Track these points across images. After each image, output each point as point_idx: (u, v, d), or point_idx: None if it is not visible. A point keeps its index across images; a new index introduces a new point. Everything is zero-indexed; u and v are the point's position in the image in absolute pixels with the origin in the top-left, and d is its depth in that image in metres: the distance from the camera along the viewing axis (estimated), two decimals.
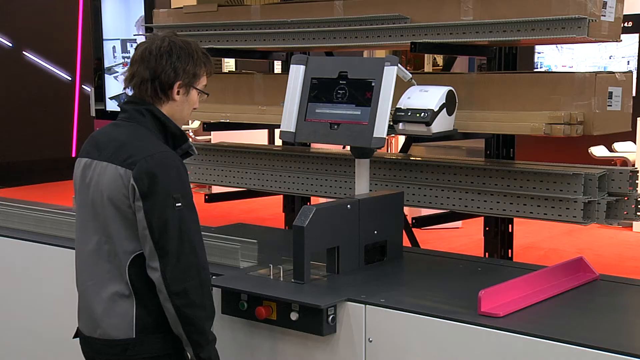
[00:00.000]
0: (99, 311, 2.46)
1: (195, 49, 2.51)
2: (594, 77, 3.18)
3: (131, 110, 2.49)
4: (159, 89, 2.46)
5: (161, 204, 2.33)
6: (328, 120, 3.17)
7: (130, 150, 2.39)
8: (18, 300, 3.65)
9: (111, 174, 2.39)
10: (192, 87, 2.52)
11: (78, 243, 2.56)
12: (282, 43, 3.97)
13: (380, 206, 3.06)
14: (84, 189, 2.49)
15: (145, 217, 2.33)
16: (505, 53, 3.96)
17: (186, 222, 2.37)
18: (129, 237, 2.39)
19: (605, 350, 2.16)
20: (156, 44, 2.46)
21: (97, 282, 2.47)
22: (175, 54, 2.45)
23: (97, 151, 2.47)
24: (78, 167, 2.54)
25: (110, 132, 2.52)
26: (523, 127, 3.19)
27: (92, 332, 2.50)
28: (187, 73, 2.48)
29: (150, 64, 2.45)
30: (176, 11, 4.53)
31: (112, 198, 2.39)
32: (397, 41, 3.58)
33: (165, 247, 2.34)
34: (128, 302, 2.42)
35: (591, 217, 3.19)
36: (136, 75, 2.48)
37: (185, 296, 2.36)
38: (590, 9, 3.08)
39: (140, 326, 2.42)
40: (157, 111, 2.48)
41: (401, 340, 2.51)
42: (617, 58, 10.75)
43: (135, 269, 2.41)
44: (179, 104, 2.51)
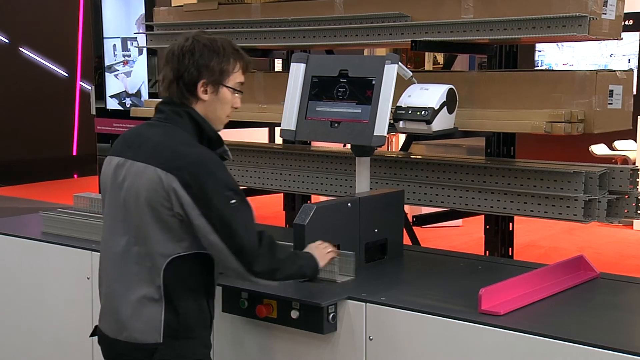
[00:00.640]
0: (126, 314, 2.40)
1: (222, 45, 2.44)
2: (595, 75, 3.17)
3: (168, 111, 2.45)
4: (184, 89, 2.43)
5: (219, 205, 2.31)
6: (328, 118, 3.17)
7: (171, 153, 2.34)
8: (21, 300, 3.66)
9: (150, 176, 2.34)
10: (220, 84, 2.45)
11: (104, 243, 2.50)
12: (282, 41, 3.97)
13: (381, 204, 3.06)
14: (115, 189, 2.44)
15: (208, 223, 2.31)
16: (506, 51, 3.95)
17: (245, 214, 2.37)
18: (165, 240, 2.35)
19: (605, 349, 2.16)
20: (179, 44, 2.44)
21: (124, 284, 2.42)
22: (197, 52, 2.41)
23: (132, 151, 2.42)
24: (109, 166, 2.49)
25: (146, 132, 2.46)
26: (524, 125, 3.19)
27: (117, 334, 2.44)
28: (212, 70, 2.42)
29: (173, 64, 2.43)
30: (177, 9, 4.52)
31: (150, 200, 2.34)
32: (398, 39, 3.57)
33: (238, 245, 2.33)
34: (157, 306, 2.38)
35: (592, 215, 3.19)
36: (165, 78, 2.46)
37: (273, 271, 2.43)
38: (591, 7, 3.08)
39: (168, 331, 2.38)
40: (195, 113, 2.44)
41: (402, 339, 2.51)
42: (618, 56, 10.75)
43: (170, 272, 2.37)
44: (209, 103, 2.45)
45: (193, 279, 2.42)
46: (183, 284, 2.39)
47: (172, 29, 4.44)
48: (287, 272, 2.51)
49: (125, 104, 8.14)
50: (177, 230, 2.35)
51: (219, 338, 2.79)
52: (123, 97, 8.19)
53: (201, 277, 2.44)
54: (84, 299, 3.33)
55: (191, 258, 2.39)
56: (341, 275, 2.76)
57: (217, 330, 2.60)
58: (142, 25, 7.36)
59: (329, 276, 2.73)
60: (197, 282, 2.43)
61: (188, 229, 2.35)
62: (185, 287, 2.40)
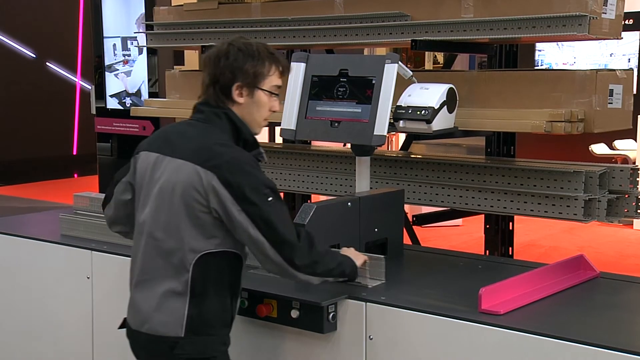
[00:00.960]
0: (149, 306, 2.44)
1: (257, 48, 2.49)
2: (595, 75, 3.17)
3: (208, 112, 2.49)
4: (220, 92, 2.48)
5: (259, 201, 2.35)
6: (328, 118, 3.17)
7: (210, 152, 2.39)
8: (20, 300, 3.66)
9: (188, 172, 2.38)
10: (255, 87, 2.49)
11: (136, 237, 2.54)
12: (282, 41, 3.97)
13: (381, 204, 3.06)
14: (150, 185, 2.48)
15: (248, 218, 2.35)
16: (506, 51, 3.95)
17: (282, 210, 2.42)
18: (197, 236, 2.39)
19: (605, 348, 2.16)
20: (215, 49, 2.50)
21: (151, 277, 2.46)
22: (232, 56, 2.46)
23: (170, 148, 2.47)
24: (146, 161, 2.52)
25: (185, 130, 2.51)
26: (524, 124, 3.18)
27: (139, 326, 2.48)
28: (246, 73, 2.46)
29: (210, 69, 2.49)
30: (177, 9, 4.52)
31: (185, 195, 2.38)
32: (398, 39, 3.57)
33: (279, 239, 2.37)
34: (181, 300, 2.41)
35: (592, 214, 3.19)
36: (203, 82, 2.52)
37: (314, 264, 2.46)
38: (591, 6, 3.08)
39: (190, 326, 2.41)
40: (233, 115, 2.49)
41: (402, 338, 2.51)
42: (618, 55, 10.75)
43: (198, 268, 2.40)
44: (245, 106, 2.50)
45: (220, 277, 2.45)
46: (210, 281, 2.43)
47: (172, 28, 4.44)
48: (328, 267, 2.52)
49: (125, 104, 8.14)
50: (209, 226, 2.40)
51: None
52: (123, 97, 8.18)
53: (228, 276, 2.47)
54: (84, 298, 3.33)
55: (220, 256, 2.43)
56: (372, 279, 2.72)
57: None
58: (142, 24, 7.35)
59: (359, 280, 2.70)
60: (223, 280, 2.46)
61: (220, 226, 2.40)
62: (212, 284, 2.43)
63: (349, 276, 2.63)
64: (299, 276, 2.45)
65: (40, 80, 12.50)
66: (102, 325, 3.29)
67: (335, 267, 2.55)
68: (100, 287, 3.29)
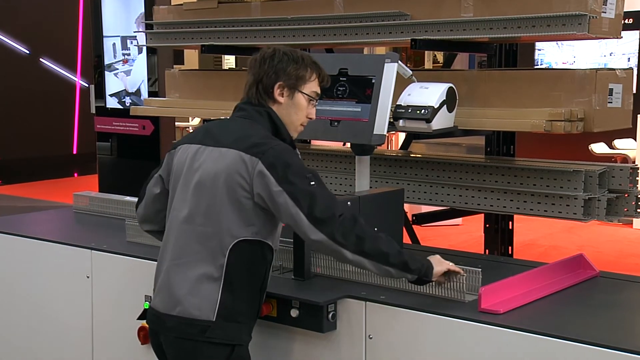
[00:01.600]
0: (183, 290, 2.48)
1: (302, 55, 2.61)
2: (595, 74, 3.17)
3: (250, 110, 2.58)
4: (262, 91, 2.57)
5: (301, 183, 2.42)
6: (328, 117, 3.17)
7: (253, 140, 2.47)
8: (20, 299, 3.66)
9: (232, 158, 2.46)
10: (296, 90, 2.59)
11: (170, 222, 2.58)
12: (282, 40, 3.96)
13: (381, 203, 3.06)
14: (190, 173, 2.54)
15: (291, 197, 2.40)
16: (506, 50, 3.95)
17: (325, 192, 2.46)
18: (236, 220, 2.45)
19: (605, 347, 2.16)
20: (261, 52, 2.60)
21: (186, 261, 2.50)
22: (277, 58, 2.57)
23: (212, 139, 2.55)
24: (185, 153, 2.58)
25: (228, 125, 2.61)
26: (523, 124, 3.19)
27: (170, 309, 2.50)
28: (289, 75, 2.57)
29: (255, 69, 2.59)
30: (176, 8, 4.52)
31: (229, 180, 2.45)
32: (398, 38, 3.57)
33: (320, 215, 2.40)
34: (214, 285, 2.46)
35: (591, 214, 3.19)
36: (246, 83, 2.62)
37: (359, 239, 2.42)
38: (591, 5, 3.08)
39: (222, 311, 2.46)
40: (274, 114, 2.58)
41: (401, 337, 2.51)
42: (618, 55, 10.75)
43: (235, 254, 2.46)
44: (284, 106, 2.59)
45: (253, 267, 2.51)
46: (243, 269, 2.48)
47: (172, 27, 4.44)
48: (380, 248, 2.44)
49: (125, 103, 8.14)
50: (249, 212, 2.45)
51: None
52: (123, 96, 8.18)
53: (260, 267, 2.53)
54: (83, 297, 3.33)
55: (256, 244, 2.49)
56: (469, 293, 2.56)
57: None
58: (142, 24, 7.35)
59: (456, 295, 2.56)
60: (256, 270, 2.52)
61: (259, 214, 2.46)
62: (245, 271, 2.49)
63: (417, 272, 2.49)
64: (347, 255, 2.44)
65: (40, 80, 12.49)
66: (102, 324, 3.29)
67: (390, 252, 2.46)
68: (100, 287, 3.29)
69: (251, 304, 2.53)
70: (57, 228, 3.90)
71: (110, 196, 4.04)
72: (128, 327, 3.00)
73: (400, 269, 2.48)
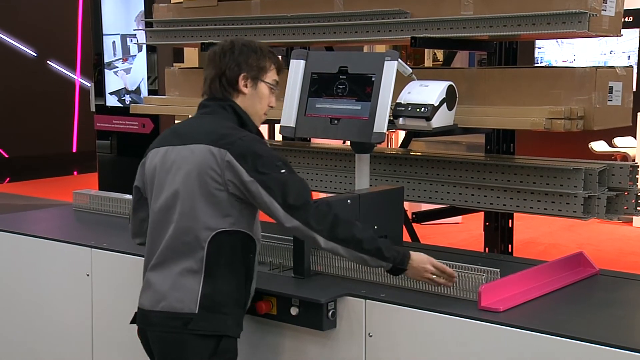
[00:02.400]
0: (166, 285, 2.51)
1: (259, 45, 2.65)
2: (595, 72, 3.17)
3: (214, 105, 2.61)
4: (226, 84, 2.60)
5: (272, 172, 2.45)
6: (328, 115, 3.17)
7: (220, 133, 2.50)
8: (20, 297, 3.66)
9: (202, 153, 2.48)
10: (259, 80, 2.63)
11: (151, 224, 2.61)
12: (282, 38, 3.96)
13: (381, 201, 3.06)
14: (162, 175, 2.57)
15: (263, 186, 2.43)
16: (506, 48, 3.95)
17: (296, 179, 2.49)
18: (212, 213, 2.47)
19: (605, 345, 2.16)
20: (219, 45, 2.63)
21: (168, 258, 2.53)
22: (237, 50, 2.60)
23: (180, 139, 2.58)
24: (155, 157, 2.61)
25: (194, 122, 2.64)
26: (523, 122, 3.18)
27: (154, 305, 2.53)
28: (251, 66, 2.60)
29: (215, 63, 2.61)
30: (176, 6, 4.52)
31: (201, 174, 2.47)
32: (398, 36, 3.57)
33: (293, 202, 2.43)
34: (196, 278, 2.48)
35: (591, 212, 3.19)
36: (207, 77, 2.64)
37: (333, 225, 2.44)
38: (591, 3, 3.08)
39: (204, 303, 2.47)
40: (238, 108, 2.61)
41: (401, 335, 2.51)
42: (618, 53, 10.75)
43: (213, 246, 2.48)
44: (249, 97, 2.62)
45: (233, 257, 2.53)
46: (223, 260, 2.50)
47: (172, 25, 4.44)
48: (354, 235, 2.45)
49: (124, 101, 8.13)
50: (224, 204, 2.47)
51: None
52: (123, 94, 8.18)
53: (241, 257, 2.54)
54: (83, 296, 3.33)
55: (234, 235, 2.51)
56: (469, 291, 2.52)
57: None
58: (142, 22, 7.35)
59: (457, 293, 2.54)
60: (237, 260, 2.53)
61: (235, 205, 2.48)
62: (226, 263, 2.50)
63: (391, 260, 2.49)
64: (321, 241, 2.45)
65: (40, 78, 12.50)
66: (102, 323, 3.29)
67: (364, 238, 2.45)
68: (100, 285, 3.29)
69: (236, 294, 2.54)
70: (57, 226, 3.90)
71: (110, 194, 4.04)
72: (128, 325, 3.00)
73: (374, 255, 2.48)
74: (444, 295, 2.57)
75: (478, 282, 2.51)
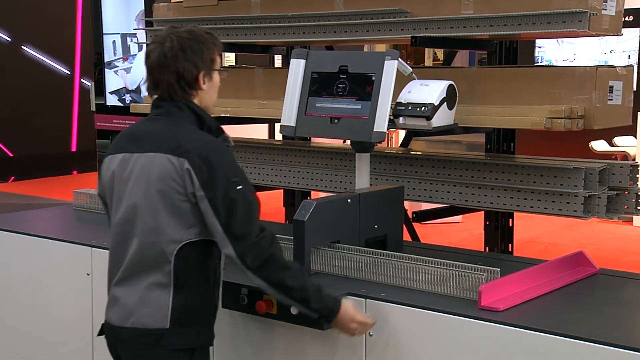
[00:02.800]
0: (133, 301, 2.45)
1: (201, 35, 2.53)
2: (595, 71, 3.17)
3: (168, 106, 2.51)
4: (186, 86, 2.50)
5: (224, 190, 2.36)
6: (328, 114, 3.16)
7: (179, 140, 2.41)
8: (21, 296, 3.66)
9: (161, 163, 2.40)
10: (212, 71, 2.56)
11: (114, 238, 2.54)
12: (282, 37, 3.96)
13: (381, 200, 3.06)
14: (121, 183, 2.48)
15: (210, 205, 2.36)
16: (506, 47, 3.95)
17: (249, 202, 2.41)
18: (176, 226, 2.40)
19: (605, 344, 2.16)
20: (167, 46, 2.47)
21: (134, 272, 2.46)
22: (188, 49, 2.48)
23: (136, 145, 2.48)
24: (111, 165, 2.52)
25: (149, 126, 2.53)
26: (523, 121, 3.18)
27: (123, 322, 2.47)
28: (205, 62, 2.52)
29: (170, 67, 2.47)
30: (176, 5, 4.52)
31: (162, 187, 2.39)
32: (398, 35, 3.57)
33: (236, 230, 2.37)
34: (165, 292, 2.42)
35: (591, 211, 3.19)
36: (161, 82, 2.50)
37: (267, 267, 2.39)
38: (591, 2, 3.08)
39: (175, 317, 2.42)
40: (195, 106, 2.52)
41: (401, 335, 2.51)
42: (618, 52, 10.74)
43: (181, 258, 2.41)
44: (207, 91, 2.55)
45: (202, 266, 2.47)
46: (192, 271, 2.44)
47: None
48: (285, 281, 2.42)
49: (125, 100, 8.14)
50: (188, 215, 2.40)
51: (218, 334, 2.78)
52: (123, 94, 8.18)
53: (209, 266, 2.49)
54: (84, 295, 3.33)
55: (201, 245, 2.44)
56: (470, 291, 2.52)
57: (217, 325, 2.60)
58: (142, 21, 7.36)
59: (457, 293, 2.52)
60: (205, 269, 2.48)
61: (198, 213, 2.40)
62: (195, 273, 2.45)
63: (317, 312, 2.47)
64: (253, 279, 2.42)
65: (39, 78, 12.49)
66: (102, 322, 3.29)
67: (295, 287, 2.43)
68: (100, 284, 3.28)
69: (206, 303, 2.50)
70: (57, 225, 3.90)
71: None
72: None
73: (301, 304, 2.46)
74: (444, 295, 2.57)
75: (478, 282, 2.51)
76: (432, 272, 2.63)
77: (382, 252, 2.79)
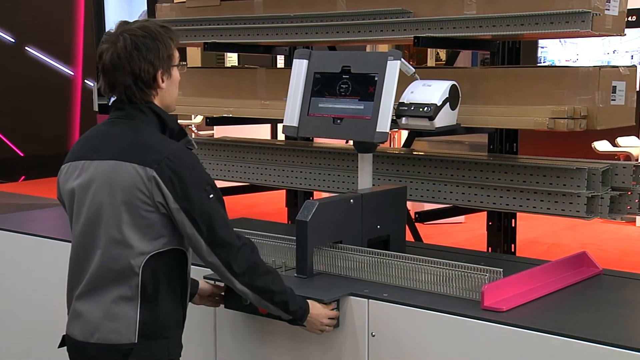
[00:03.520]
0: (98, 315, 2.35)
1: (155, 30, 2.39)
2: (598, 71, 3.16)
3: (129, 108, 2.40)
4: (144, 87, 2.39)
5: (199, 200, 2.30)
6: (331, 114, 3.16)
7: (145, 149, 2.32)
8: (21, 296, 3.66)
9: (127, 173, 2.30)
10: (171, 68, 2.44)
11: (75, 249, 2.43)
12: (284, 37, 3.96)
13: (383, 201, 3.06)
14: (81, 192, 2.38)
15: (187, 217, 2.30)
16: (509, 47, 3.94)
17: (222, 210, 2.37)
18: (143, 237, 2.31)
19: (608, 345, 2.16)
20: (120, 46, 2.35)
21: (98, 286, 2.35)
22: (143, 48, 2.35)
23: (96, 151, 2.38)
24: (70, 172, 2.42)
25: (108, 131, 2.43)
26: (526, 121, 3.18)
27: (88, 337, 2.37)
28: (162, 59, 2.39)
29: (125, 69, 2.36)
30: (179, 5, 4.52)
31: (127, 197, 2.30)
32: (400, 35, 3.57)
33: (217, 240, 2.33)
34: (131, 305, 2.33)
35: (594, 211, 3.18)
36: (117, 84, 2.39)
37: (251, 272, 2.38)
38: (594, 2, 3.07)
39: (144, 331, 2.33)
40: (157, 107, 2.41)
41: (404, 335, 2.51)
42: (621, 52, 10.73)
43: (148, 270, 2.33)
44: (166, 89, 2.43)
45: (169, 277, 2.39)
46: (160, 282, 2.36)
47: (175, 25, 4.42)
48: (268, 285, 2.42)
49: None
50: (156, 226, 2.33)
51: (221, 334, 2.79)
52: None
53: (177, 275, 2.42)
54: None
55: (168, 255, 2.37)
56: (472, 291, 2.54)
57: (219, 326, 2.61)
58: None
59: (460, 293, 2.55)
60: (173, 280, 2.40)
61: (167, 224, 2.33)
62: (162, 285, 2.37)
63: (294, 314, 2.50)
64: (236, 284, 2.39)
65: (41, 78, 12.50)
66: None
67: (277, 291, 2.43)
68: None
69: (174, 314, 2.41)
70: (59, 225, 3.90)
71: None
72: None
73: (280, 307, 2.46)
74: (447, 295, 2.57)
75: (481, 282, 2.51)
76: (435, 273, 2.62)
77: (384, 253, 2.78)
